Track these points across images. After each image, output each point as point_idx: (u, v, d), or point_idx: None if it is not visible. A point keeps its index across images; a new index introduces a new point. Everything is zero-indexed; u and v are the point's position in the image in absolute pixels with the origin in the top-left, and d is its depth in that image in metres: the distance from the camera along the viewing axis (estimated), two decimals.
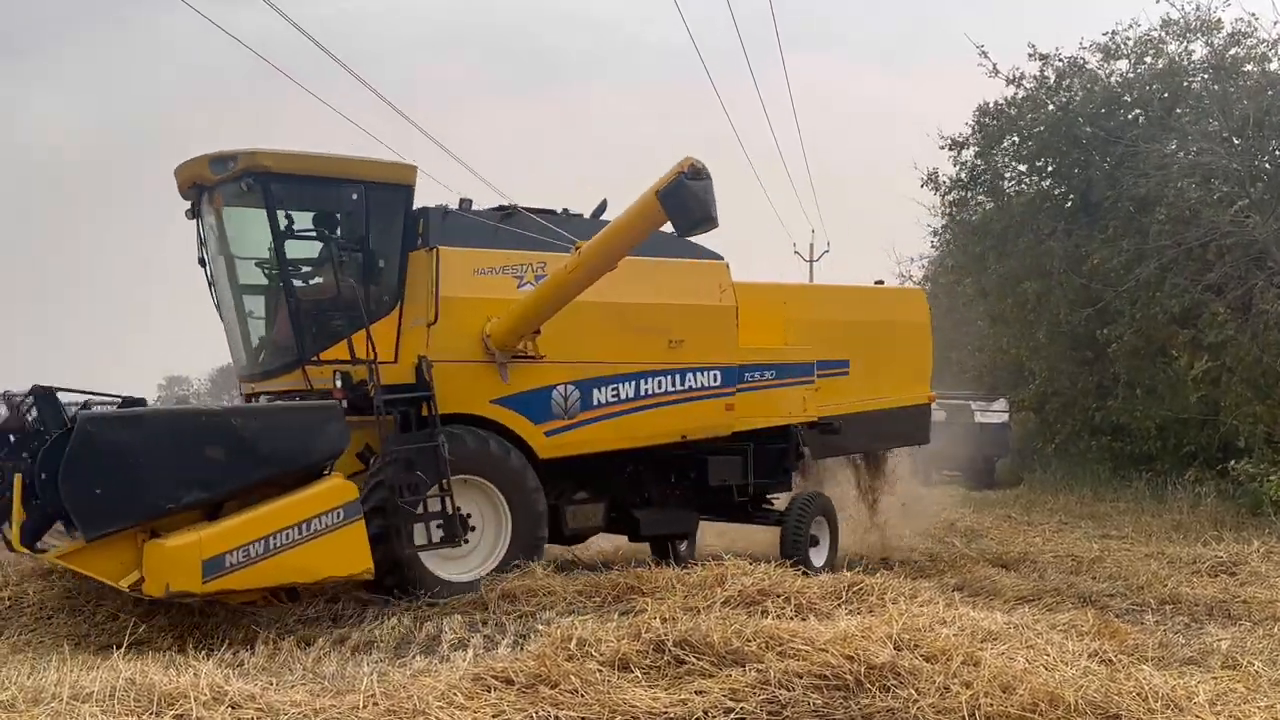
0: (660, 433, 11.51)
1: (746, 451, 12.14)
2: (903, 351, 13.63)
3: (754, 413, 12.04)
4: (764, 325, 12.34)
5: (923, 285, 41.91)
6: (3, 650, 7.64)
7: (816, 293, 14.36)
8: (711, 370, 11.67)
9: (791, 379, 12.42)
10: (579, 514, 11.47)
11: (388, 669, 7.37)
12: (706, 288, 11.74)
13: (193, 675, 6.40)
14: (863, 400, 13.04)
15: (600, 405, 11.11)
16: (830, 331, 12.90)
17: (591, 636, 7.09)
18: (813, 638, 6.94)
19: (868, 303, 13.76)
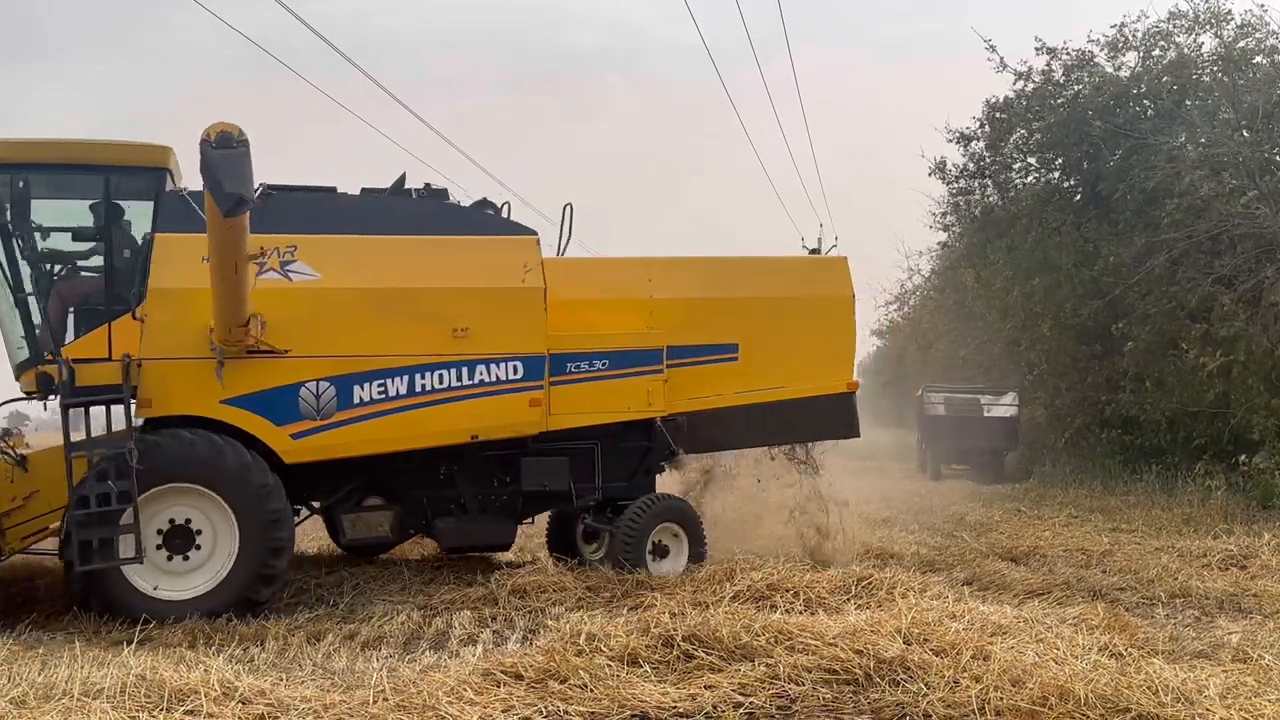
0: (444, 432, 10.19)
1: (578, 452, 10.84)
2: (814, 332, 11.50)
3: (578, 409, 10.64)
4: (620, 308, 11.04)
5: (930, 279, 41.94)
6: (14, 647, 7.65)
7: (692, 267, 11.69)
8: (510, 361, 10.23)
9: (630, 369, 10.78)
10: (361, 522, 10.51)
11: (397, 664, 7.38)
12: (505, 268, 10.32)
13: (203, 671, 6.42)
14: (756, 390, 11.29)
15: (363, 403, 9.88)
16: (710, 311, 11.28)
17: (600, 631, 7.10)
18: (822, 632, 6.94)
19: (765, 276, 11.80)
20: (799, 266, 12.23)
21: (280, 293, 9.66)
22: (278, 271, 9.72)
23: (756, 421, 11.37)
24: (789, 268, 12.11)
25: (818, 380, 11.51)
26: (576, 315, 10.75)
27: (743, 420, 11.30)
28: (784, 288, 11.63)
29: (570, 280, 10.81)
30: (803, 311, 11.52)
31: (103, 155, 9.97)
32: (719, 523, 12.37)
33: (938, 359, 39.93)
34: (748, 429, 11.47)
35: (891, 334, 53.82)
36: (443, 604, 9.59)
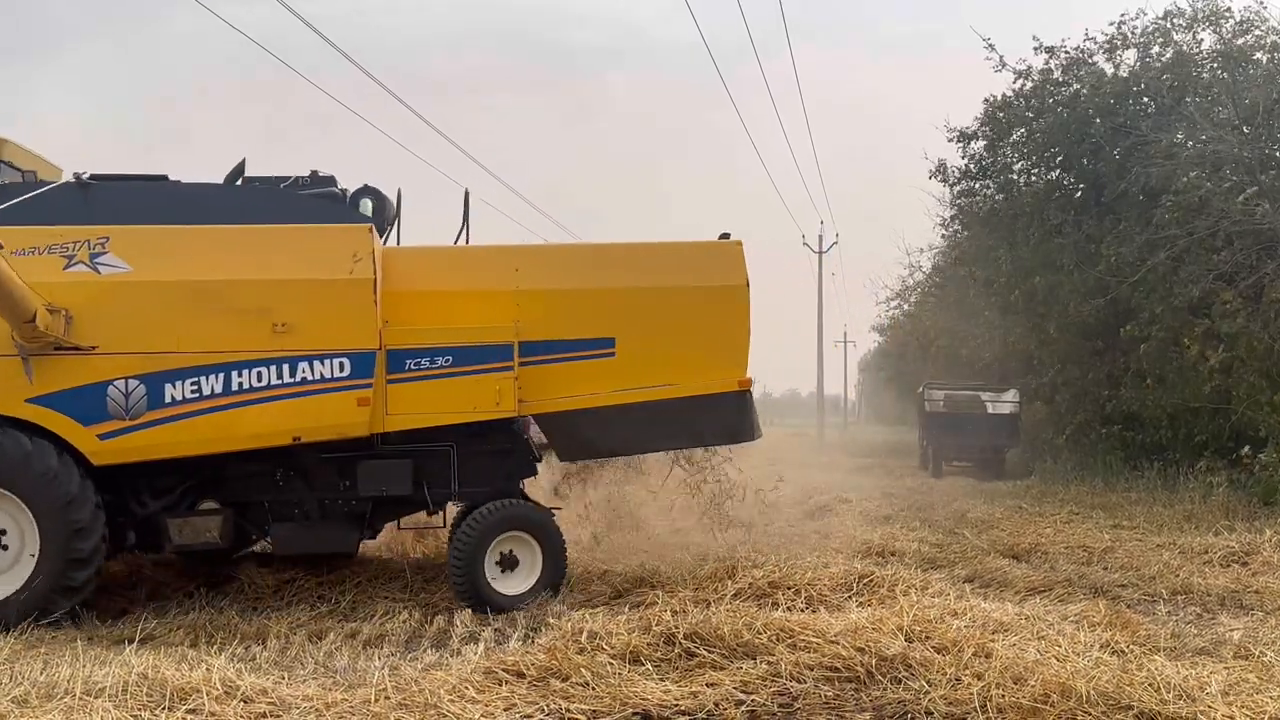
0: (264, 434, 9.60)
1: (429, 455, 10.13)
2: (703, 325, 10.39)
3: (418, 409, 9.89)
4: (483, 300, 10.28)
5: (932, 276, 41.93)
6: (16, 646, 7.66)
7: (564, 255, 10.95)
8: (336, 358, 9.62)
9: (477, 366, 10.00)
10: (189, 527, 9.90)
11: (399, 663, 7.39)
12: (332, 258, 9.69)
13: (205, 670, 6.44)
14: (637, 389, 10.25)
15: (176, 403, 9.41)
16: (583, 303, 10.35)
17: (602, 629, 7.12)
18: (823, 630, 6.96)
19: (646, 264, 10.63)
20: (685, 253, 10.80)
21: (88, 286, 9.33)
22: (86, 264, 9.37)
23: (638, 423, 10.27)
24: (674, 254, 10.77)
25: (707, 378, 10.37)
26: (434, 308, 10.12)
27: (622, 422, 10.25)
28: (667, 276, 10.47)
29: (431, 271, 10.31)
30: (689, 302, 10.39)
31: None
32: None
33: (939, 356, 39.95)
34: (629, 432, 10.39)
35: (892, 331, 53.85)
36: (444, 602, 9.61)
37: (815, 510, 18.50)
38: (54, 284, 9.19)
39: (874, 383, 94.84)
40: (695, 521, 13.28)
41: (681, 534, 13.23)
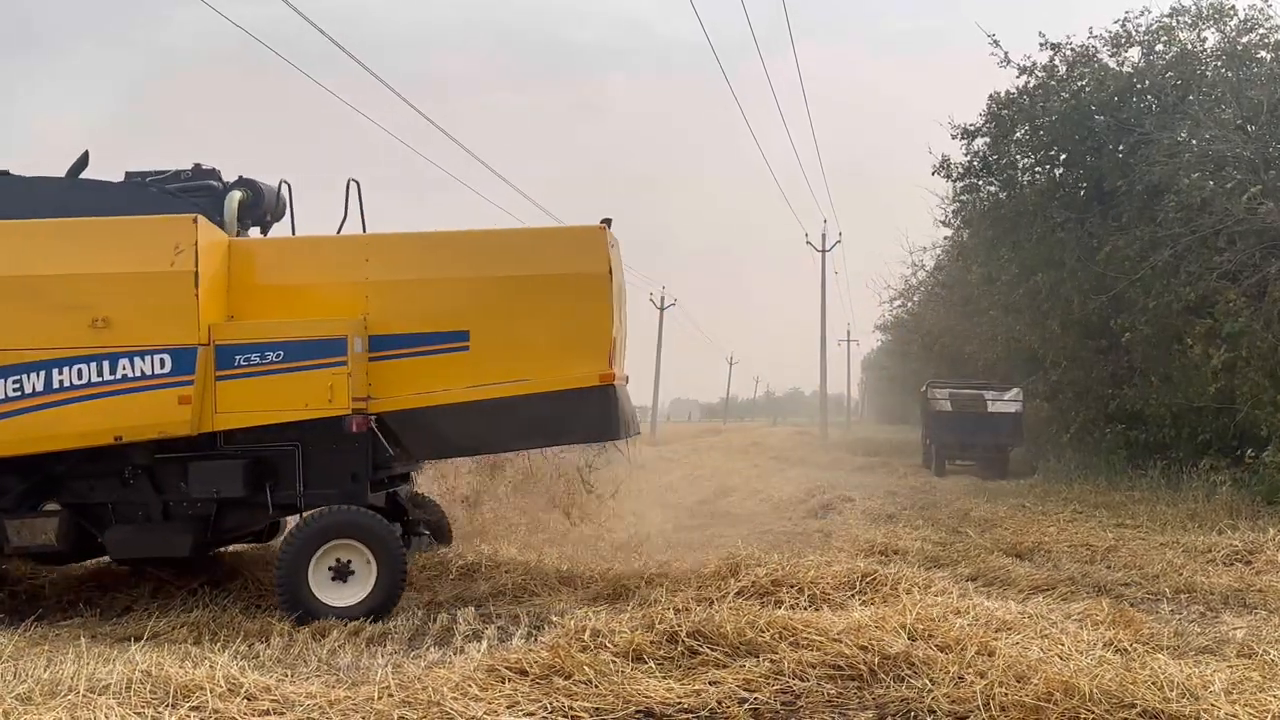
0: (86, 433, 9.32)
1: (270, 456, 9.69)
2: (561, 315, 9.83)
3: (248, 406, 9.46)
4: (334, 292, 9.84)
5: (935, 274, 41.88)
6: (20, 643, 7.69)
7: (418, 244, 10.24)
8: (157, 354, 9.28)
9: (309, 361, 9.51)
10: (26, 528, 9.63)
11: (402, 660, 7.41)
12: (153, 251, 9.33)
13: (209, 667, 6.44)
14: (492, 384, 9.71)
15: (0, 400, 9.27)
16: (436, 294, 9.90)
17: (605, 628, 7.11)
18: (826, 628, 6.95)
19: (502, 252, 10.11)
20: (543, 239, 10.37)
21: None
22: None
23: (493, 421, 9.76)
24: (531, 241, 10.36)
25: (565, 372, 9.76)
26: (285, 301, 9.81)
27: (478, 419, 9.73)
28: (523, 265, 9.93)
29: (282, 264, 10.05)
30: (546, 291, 9.83)
31: None
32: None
33: (942, 355, 39.95)
34: (484, 430, 9.86)
35: (896, 330, 53.86)
36: (447, 600, 9.61)
37: (818, 509, 18.52)
38: None
39: (877, 381, 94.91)
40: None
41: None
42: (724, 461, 31.80)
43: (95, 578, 10.73)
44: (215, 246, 9.58)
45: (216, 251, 9.58)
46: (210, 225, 9.59)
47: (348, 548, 9.23)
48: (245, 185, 10.33)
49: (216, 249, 9.59)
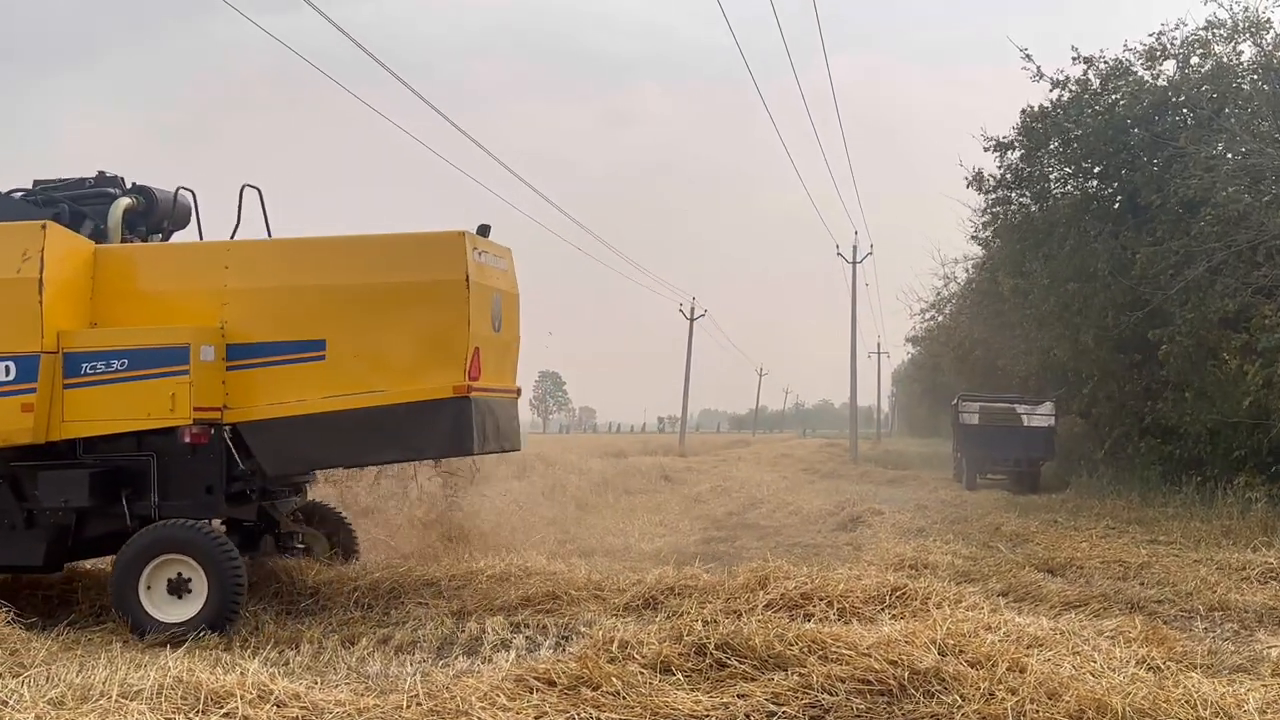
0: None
1: (122, 466, 9.54)
2: (416, 324, 9.57)
3: (92, 415, 9.36)
4: (192, 299, 9.67)
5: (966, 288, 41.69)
6: (52, 647, 7.75)
7: (278, 251, 10.13)
8: (2, 362, 9.27)
9: (151, 369, 9.31)
10: None
11: (431, 669, 7.42)
12: (1, 257, 9.32)
13: (239, 674, 6.48)
14: (346, 395, 9.45)
15: None
16: (293, 301, 9.64)
17: (633, 639, 7.10)
18: (856, 642, 6.91)
19: (360, 259, 9.84)
20: (402, 246, 9.88)
21: None
22: None
23: (349, 434, 9.51)
24: (390, 248, 9.90)
25: (419, 384, 9.45)
26: (146, 308, 9.70)
27: (332, 432, 9.48)
28: (380, 272, 9.66)
29: (145, 270, 9.96)
30: (401, 300, 9.55)
31: None
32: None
33: (974, 368, 39.74)
34: (340, 443, 9.63)
35: (927, 342, 53.62)
36: (476, 608, 9.61)
37: (847, 521, 18.45)
38: None
39: (907, 394, 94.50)
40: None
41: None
42: (753, 473, 31.75)
43: None
44: (72, 254, 9.55)
45: (74, 259, 9.56)
46: (65, 232, 9.59)
47: (180, 563, 9.07)
48: (138, 193, 10.40)
49: (74, 256, 9.57)
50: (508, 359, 10.36)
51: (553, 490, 21.50)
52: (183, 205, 10.72)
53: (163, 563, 9.07)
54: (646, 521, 18.99)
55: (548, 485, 21.98)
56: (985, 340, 36.29)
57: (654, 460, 36.36)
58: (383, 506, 14.82)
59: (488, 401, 9.78)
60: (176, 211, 10.68)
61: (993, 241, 30.65)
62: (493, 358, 9.83)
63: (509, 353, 10.38)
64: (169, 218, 10.62)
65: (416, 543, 13.29)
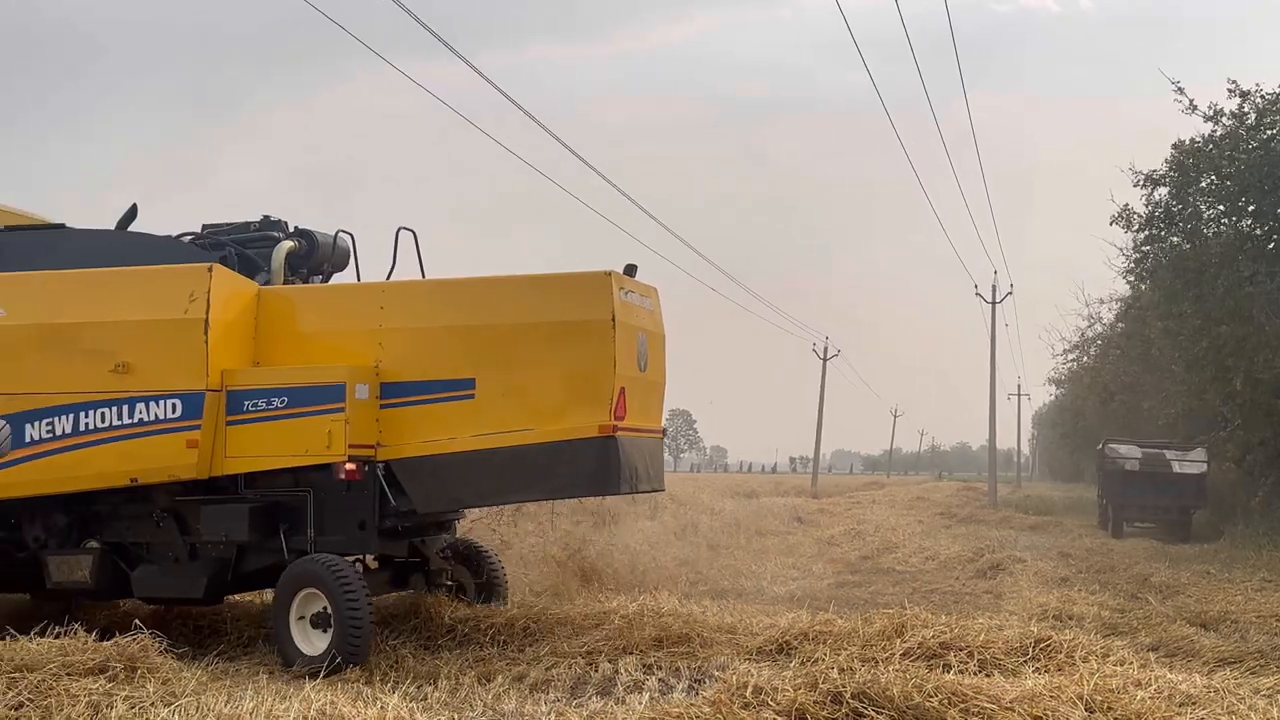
0: (106, 474, 9.74)
1: (279, 502, 9.81)
2: (564, 364, 9.58)
3: (253, 451, 9.65)
4: (349, 339, 9.91)
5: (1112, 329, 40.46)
6: (202, 678, 8.00)
7: (430, 291, 10.30)
8: (169, 399, 9.57)
9: (308, 407, 9.54)
10: (65, 565, 10.05)
11: (565, 709, 7.47)
12: (169, 299, 9.67)
13: (380, 708, 6.62)
14: (496, 434, 9.52)
15: (35, 442, 9.77)
16: (444, 341, 9.85)
17: (767, 684, 7.02)
18: (998, 696, 6.73)
19: (509, 299, 9.92)
20: (549, 286, 9.96)
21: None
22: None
23: (497, 471, 9.56)
24: (537, 288, 9.95)
25: (564, 423, 9.47)
26: (306, 349, 9.99)
27: (481, 470, 9.57)
28: (528, 312, 9.75)
29: (305, 312, 10.25)
30: (549, 339, 9.61)
31: None
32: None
33: (1119, 411, 38.45)
34: (489, 480, 9.68)
35: (1070, 384, 52.07)
36: (609, 648, 9.59)
37: (987, 569, 18.04)
38: None
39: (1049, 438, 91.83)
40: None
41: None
42: (887, 516, 31.20)
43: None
44: (237, 295, 9.90)
45: (238, 300, 9.91)
46: (230, 274, 9.92)
47: (321, 597, 9.19)
48: (300, 236, 10.70)
49: (238, 297, 9.91)
50: (653, 399, 10.35)
51: (684, 530, 21.47)
52: (342, 248, 11.02)
53: (306, 596, 9.25)
54: (779, 564, 18.84)
55: (679, 525, 21.96)
56: (1132, 383, 35.14)
57: (786, 501, 36.01)
58: (519, 543, 15.00)
59: (634, 441, 9.77)
60: (336, 254, 10.98)
61: (1142, 281, 29.70)
62: (638, 397, 9.82)
63: (654, 393, 10.37)
64: (329, 260, 10.93)
65: (551, 580, 13.39)
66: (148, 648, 7.97)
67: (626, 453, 9.57)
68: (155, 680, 7.56)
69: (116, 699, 6.94)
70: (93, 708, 6.82)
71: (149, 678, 7.57)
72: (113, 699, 6.95)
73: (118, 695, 7.02)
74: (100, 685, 7.20)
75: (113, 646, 7.84)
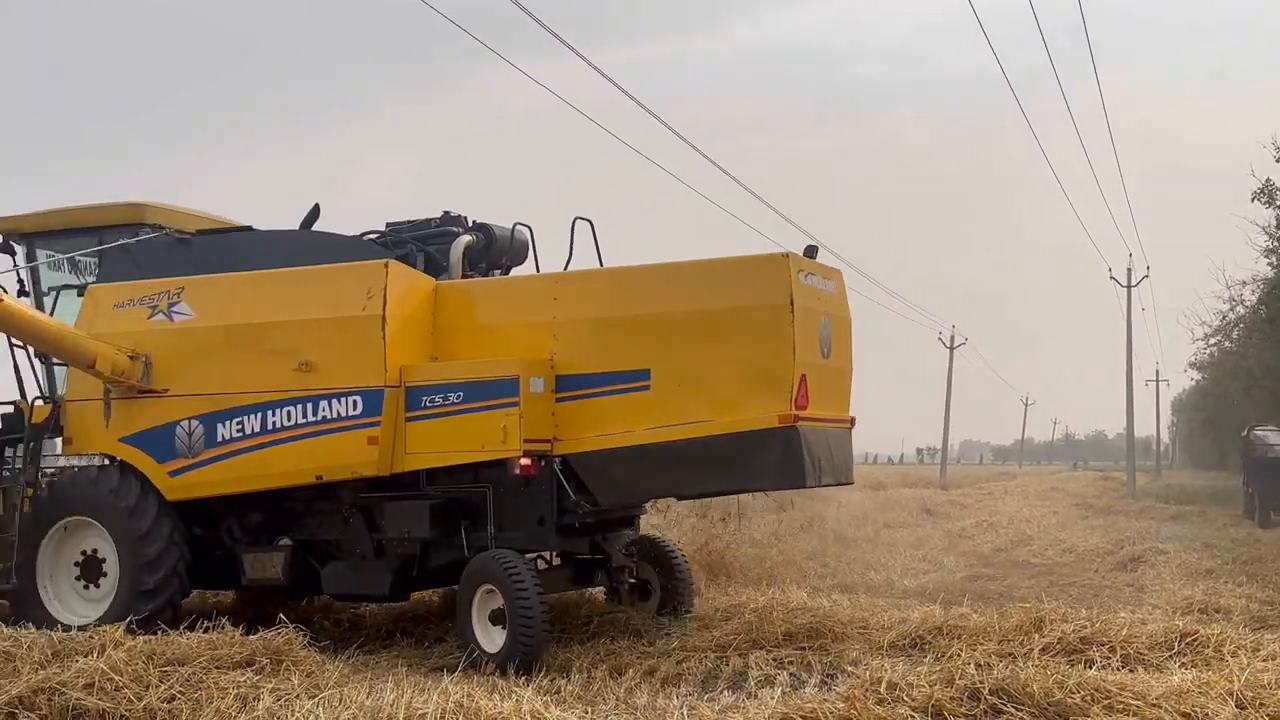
0: (292, 472, 9.80)
1: (459, 498, 9.69)
2: (740, 352, 9.17)
3: (431, 447, 9.55)
4: (524, 332, 9.72)
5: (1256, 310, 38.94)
6: (344, 670, 8.19)
7: (603, 280, 9.97)
8: (349, 396, 9.58)
9: (483, 402, 9.37)
10: (259, 562, 10.21)
11: (696, 703, 7.47)
12: (347, 296, 9.70)
13: (515, 701, 6.70)
14: (672, 426, 9.19)
15: (225, 441, 9.88)
16: (617, 331, 9.53)
17: (902, 680, 6.91)
18: (1143, 692, 6.52)
19: (683, 286, 9.53)
20: (723, 271, 9.48)
21: (163, 333, 10.17)
22: (164, 314, 10.18)
23: (675, 465, 9.23)
24: (711, 273, 9.51)
25: (743, 413, 9.07)
26: (482, 342, 9.85)
27: (656, 463, 9.24)
28: (702, 298, 9.32)
29: (481, 305, 10.13)
30: (725, 326, 9.20)
31: (92, 217, 10.99)
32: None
33: (1264, 396, 36.94)
34: (664, 474, 9.35)
35: (1212, 369, 50.24)
36: (739, 643, 9.56)
37: (1127, 561, 17.57)
38: (139, 332, 10.16)
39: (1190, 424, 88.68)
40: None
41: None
42: (1020, 507, 30.51)
43: (411, 608, 11.36)
44: (413, 290, 9.89)
45: (415, 295, 9.89)
46: (406, 270, 9.93)
47: (496, 594, 9.05)
48: (478, 230, 10.64)
49: (415, 293, 9.90)
50: (839, 386, 9.96)
51: (811, 523, 21.32)
52: (520, 240, 10.92)
53: (486, 593, 9.13)
54: (909, 557, 18.58)
55: (806, 518, 21.81)
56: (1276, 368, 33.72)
57: (914, 493, 35.52)
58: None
59: (818, 431, 9.34)
60: (514, 246, 10.88)
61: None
62: (822, 385, 9.39)
63: (840, 380, 9.97)
64: (507, 253, 10.82)
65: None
66: (292, 641, 8.18)
67: (810, 444, 9.15)
68: (299, 673, 7.76)
69: (263, 691, 7.14)
70: (241, 700, 7.02)
71: (293, 670, 7.78)
72: (259, 691, 7.15)
73: (264, 688, 7.21)
74: (247, 678, 7.41)
75: (259, 640, 8.07)
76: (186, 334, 10.14)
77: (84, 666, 7.28)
